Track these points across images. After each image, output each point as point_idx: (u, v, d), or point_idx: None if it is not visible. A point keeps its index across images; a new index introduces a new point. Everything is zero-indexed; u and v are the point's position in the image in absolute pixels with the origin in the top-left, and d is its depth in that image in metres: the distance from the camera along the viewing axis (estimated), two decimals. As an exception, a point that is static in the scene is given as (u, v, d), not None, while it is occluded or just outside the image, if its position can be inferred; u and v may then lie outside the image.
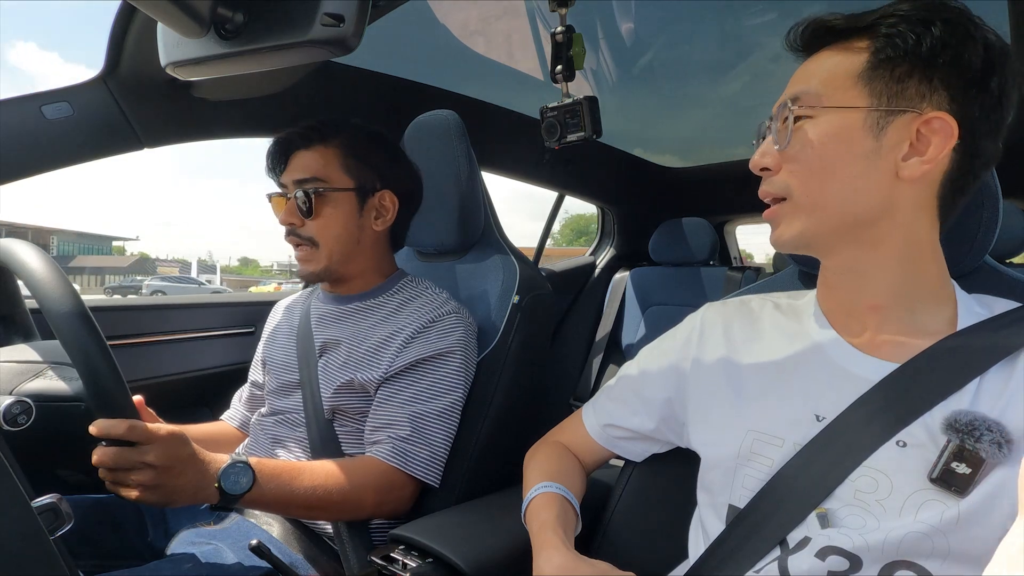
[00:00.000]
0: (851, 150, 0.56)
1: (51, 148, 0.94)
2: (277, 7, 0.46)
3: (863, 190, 0.56)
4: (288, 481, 0.81)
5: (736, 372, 0.67)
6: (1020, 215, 1.77)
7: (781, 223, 0.61)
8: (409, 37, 1.42)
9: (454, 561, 0.73)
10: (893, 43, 0.55)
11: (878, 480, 0.54)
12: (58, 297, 0.65)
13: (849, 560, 0.53)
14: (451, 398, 0.97)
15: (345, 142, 1.00)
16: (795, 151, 0.58)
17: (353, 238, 1.01)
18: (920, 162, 0.55)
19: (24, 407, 0.67)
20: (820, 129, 0.57)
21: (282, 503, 0.82)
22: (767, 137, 0.62)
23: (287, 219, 0.99)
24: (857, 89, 0.56)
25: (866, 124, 0.55)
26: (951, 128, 0.54)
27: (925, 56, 0.54)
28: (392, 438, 0.92)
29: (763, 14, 1.42)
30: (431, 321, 0.98)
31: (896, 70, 0.55)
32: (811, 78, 0.59)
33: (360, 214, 1.01)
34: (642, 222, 2.55)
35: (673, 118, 2.31)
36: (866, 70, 0.55)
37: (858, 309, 0.61)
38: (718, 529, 0.62)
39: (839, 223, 0.58)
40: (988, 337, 0.55)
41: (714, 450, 0.65)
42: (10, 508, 0.48)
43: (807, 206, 0.58)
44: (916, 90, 0.55)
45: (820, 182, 0.57)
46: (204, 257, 66.65)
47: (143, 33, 0.88)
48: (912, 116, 0.55)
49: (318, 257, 1.00)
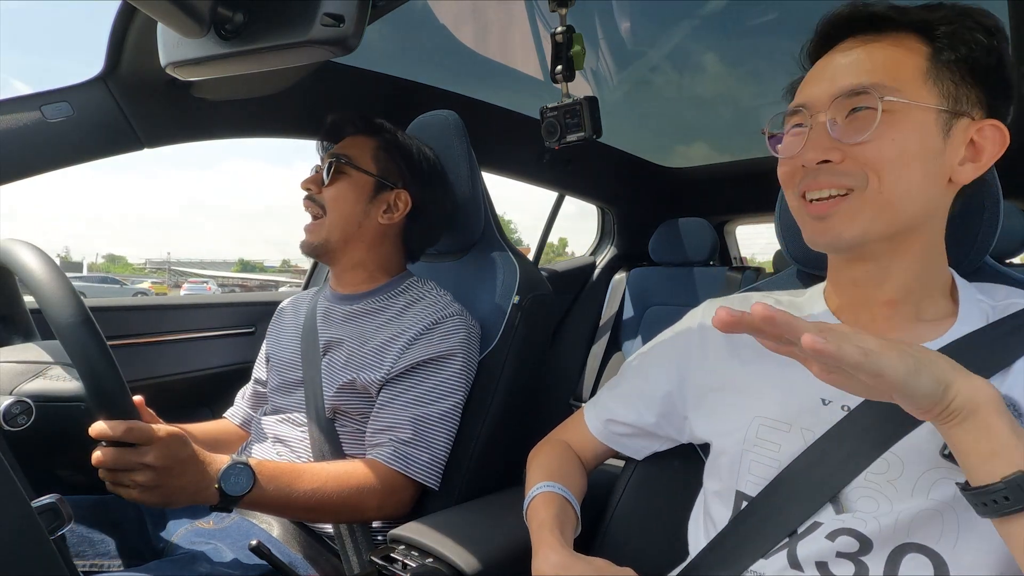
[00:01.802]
0: (925, 148, 0.54)
1: (51, 148, 0.93)
2: (277, 7, 0.46)
3: (924, 190, 0.55)
4: (288, 483, 0.81)
5: (739, 362, 0.67)
6: (1020, 215, 1.77)
7: (843, 219, 0.56)
8: (409, 37, 1.42)
9: (454, 561, 0.73)
10: (955, 46, 0.54)
11: (889, 461, 0.54)
12: (60, 300, 0.65)
13: (859, 541, 0.53)
14: (452, 401, 0.97)
15: (387, 138, 1.07)
16: (876, 143, 0.54)
17: (355, 220, 1.04)
18: (974, 168, 0.55)
19: (24, 407, 0.67)
20: (902, 123, 0.54)
21: (282, 505, 0.82)
22: (803, 128, 0.58)
23: (307, 183, 1.05)
24: (927, 88, 0.54)
25: (937, 123, 0.54)
26: (1004, 137, 0.54)
27: (985, 64, 0.54)
28: (393, 441, 0.92)
29: (764, 14, 1.42)
30: (434, 323, 0.98)
31: (958, 73, 0.55)
32: (875, 70, 0.55)
33: (370, 200, 1.04)
34: (642, 222, 2.55)
35: (673, 118, 2.32)
36: (932, 69, 0.55)
37: (871, 304, 0.61)
38: (723, 516, 0.62)
39: (903, 222, 0.56)
40: (1015, 331, 0.55)
41: (721, 438, 0.66)
42: (10, 508, 0.48)
43: (878, 201, 0.55)
44: (975, 96, 0.55)
45: (896, 177, 0.54)
46: (61, 253, 64.13)
47: (143, 33, 0.88)
48: (968, 121, 0.55)
49: (322, 228, 1.03)
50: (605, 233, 2.70)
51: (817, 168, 0.57)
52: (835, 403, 0.58)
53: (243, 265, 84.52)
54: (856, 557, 0.52)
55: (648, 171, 2.54)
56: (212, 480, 0.74)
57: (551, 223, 2.61)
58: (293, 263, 78.49)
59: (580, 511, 0.73)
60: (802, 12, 0.64)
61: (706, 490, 0.68)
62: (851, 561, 0.53)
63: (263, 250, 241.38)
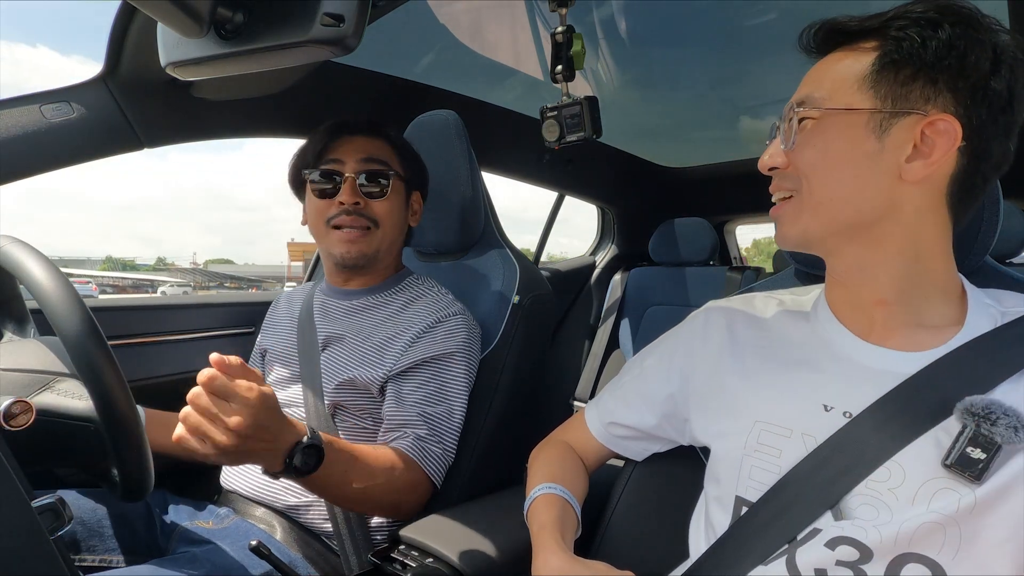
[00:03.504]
0: (854, 151, 0.57)
1: (51, 148, 0.93)
2: (277, 7, 0.46)
3: (864, 190, 0.57)
4: (344, 471, 0.80)
5: (741, 365, 0.67)
6: (1020, 215, 1.78)
7: (786, 220, 0.62)
8: (409, 37, 1.42)
9: (454, 562, 0.73)
10: (899, 45, 0.55)
11: (891, 470, 0.54)
12: (68, 317, 0.64)
13: (859, 550, 0.52)
14: (459, 401, 0.98)
15: (398, 141, 1.07)
16: (801, 151, 0.59)
17: (401, 228, 1.06)
18: (924, 164, 0.55)
19: (24, 407, 0.67)
20: (824, 130, 0.58)
21: (329, 490, 0.81)
22: (776, 137, 0.63)
23: (352, 197, 0.98)
24: (863, 91, 0.56)
25: (869, 125, 0.56)
26: (955, 131, 0.54)
27: (930, 59, 0.54)
28: (412, 435, 0.92)
29: (763, 14, 1.42)
30: (437, 321, 0.99)
31: (901, 72, 0.55)
32: (820, 81, 0.60)
33: (406, 206, 1.07)
34: (642, 222, 2.55)
35: (673, 118, 2.31)
36: (872, 72, 0.56)
37: (864, 304, 0.61)
38: (723, 521, 0.62)
39: (841, 222, 0.59)
40: (1018, 338, 0.55)
41: (721, 442, 0.65)
42: (10, 508, 0.48)
43: (811, 203, 0.59)
44: (921, 93, 0.55)
45: (823, 180, 0.58)
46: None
47: (143, 33, 0.88)
48: (917, 118, 0.55)
49: (373, 239, 1.01)
50: (605, 233, 2.70)
51: (772, 173, 0.64)
52: (837, 409, 0.58)
53: (111, 263, 79.68)
54: (856, 566, 0.52)
55: (648, 171, 2.54)
56: (285, 451, 0.72)
57: (551, 223, 2.61)
58: (170, 261, 74.66)
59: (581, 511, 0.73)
60: (801, 12, 0.64)
61: (706, 494, 0.68)
62: (850, 569, 0.52)
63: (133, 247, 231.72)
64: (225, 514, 0.96)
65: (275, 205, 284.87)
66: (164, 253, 75.62)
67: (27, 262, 0.69)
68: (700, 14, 1.46)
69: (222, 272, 69.91)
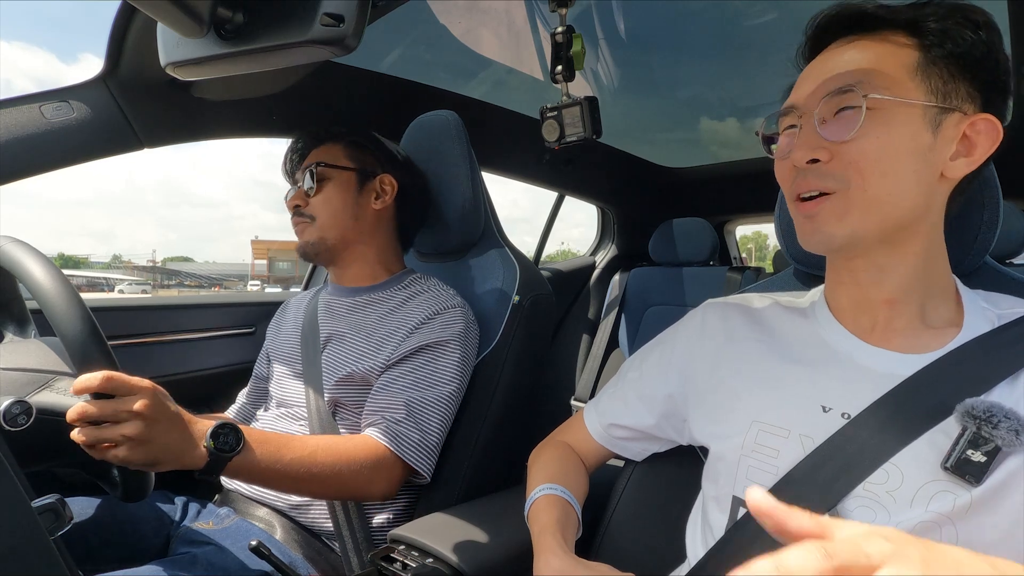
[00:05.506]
0: (914, 145, 0.54)
1: (51, 148, 0.93)
2: (277, 7, 0.46)
3: (914, 187, 0.55)
4: (277, 448, 0.79)
5: (739, 364, 0.66)
6: (1020, 215, 1.77)
7: (829, 220, 0.56)
8: (409, 37, 1.42)
9: (454, 562, 0.73)
10: (943, 41, 0.54)
11: (889, 471, 0.53)
12: (68, 317, 0.64)
13: None
14: (448, 389, 0.97)
15: (350, 136, 1.09)
16: (858, 141, 0.54)
17: (351, 213, 1.06)
18: (967, 163, 0.55)
19: (24, 407, 0.67)
20: (888, 120, 0.54)
21: (272, 472, 0.79)
22: (795, 129, 0.59)
23: (293, 201, 1.07)
24: (914, 83, 0.54)
25: (925, 119, 0.54)
26: (997, 131, 0.54)
27: (976, 58, 0.54)
28: (386, 420, 0.92)
29: (763, 14, 1.42)
30: (435, 312, 1.00)
31: (948, 68, 0.54)
32: (861, 68, 0.55)
33: (359, 192, 1.07)
34: (642, 222, 2.55)
35: (673, 118, 2.32)
36: (920, 65, 0.55)
37: (872, 303, 0.60)
38: (720, 521, 0.62)
39: (892, 220, 0.55)
40: (1021, 338, 0.55)
41: (719, 442, 0.65)
42: (10, 508, 0.48)
43: (862, 200, 0.55)
44: (965, 90, 0.55)
45: (882, 175, 0.54)
46: None
47: (143, 33, 0.88)
48: (959, 116, 0.55)
49: (313, 229, 1.05)
50: (605, 233, 2.70)
51: (806, 168, 0.57)
52: (835, 410, 0.58)
53: (64, 260, 76.97)
54: None
55: (648, 171, 2.54)
56: (200, 439, 0.71)
57: (551, 223, 2.61)
58: (126, 258, 72.10)
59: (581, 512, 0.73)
60: (800, 12, 0.64)
61: (704, 493, 0.67)
62: None
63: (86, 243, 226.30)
64: (225, 514, 0.96)
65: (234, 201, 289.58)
66: (119, 250, 73.88)
67: (27, 262, 0.69)
68: (700, 14, 1.47)
69: (181, 270, 68.07)
